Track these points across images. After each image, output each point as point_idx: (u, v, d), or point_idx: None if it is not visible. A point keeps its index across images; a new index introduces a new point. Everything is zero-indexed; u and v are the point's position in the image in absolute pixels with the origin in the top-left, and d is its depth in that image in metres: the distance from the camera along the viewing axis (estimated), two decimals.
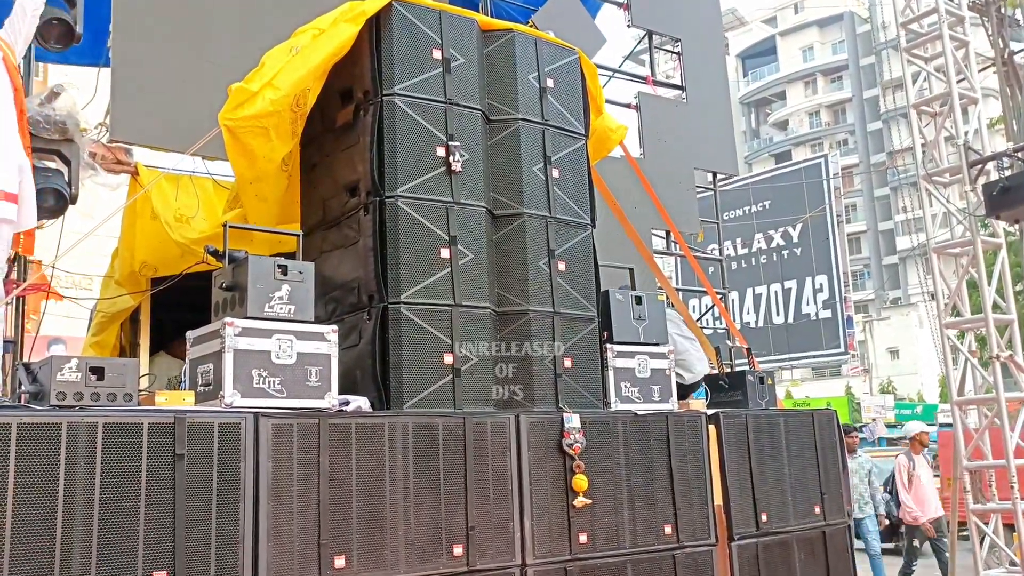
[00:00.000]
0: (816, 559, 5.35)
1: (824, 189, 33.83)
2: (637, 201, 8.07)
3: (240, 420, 3.43)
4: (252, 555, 3.35)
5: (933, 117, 8.14)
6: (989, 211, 7.36)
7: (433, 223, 4.38)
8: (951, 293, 7.77)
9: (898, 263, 54.31)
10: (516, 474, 4.15)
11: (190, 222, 6.07)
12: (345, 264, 4.54)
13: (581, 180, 5.08)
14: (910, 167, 12.75)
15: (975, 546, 7.28)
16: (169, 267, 5.84)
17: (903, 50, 8.24)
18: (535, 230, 4.73)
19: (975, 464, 7.46)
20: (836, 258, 33.39)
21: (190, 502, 3.24)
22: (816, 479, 5.49)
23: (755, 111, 65.77)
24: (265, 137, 4.51)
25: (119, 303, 6.32)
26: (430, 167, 4.44)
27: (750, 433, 5.18)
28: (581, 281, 4.88)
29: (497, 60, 4.91)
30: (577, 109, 5.18)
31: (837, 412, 6.06)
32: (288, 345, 3.71)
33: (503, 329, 4.57)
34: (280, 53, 4.53)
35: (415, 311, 4.22)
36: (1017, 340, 7.64)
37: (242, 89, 4.36)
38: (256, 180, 4.82)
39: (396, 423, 3.82)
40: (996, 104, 22.26)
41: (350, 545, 3.58)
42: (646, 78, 10.94)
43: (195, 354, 3.81)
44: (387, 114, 4.40)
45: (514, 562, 4.05)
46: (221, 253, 3.93)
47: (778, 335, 33.45)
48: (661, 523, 4.61)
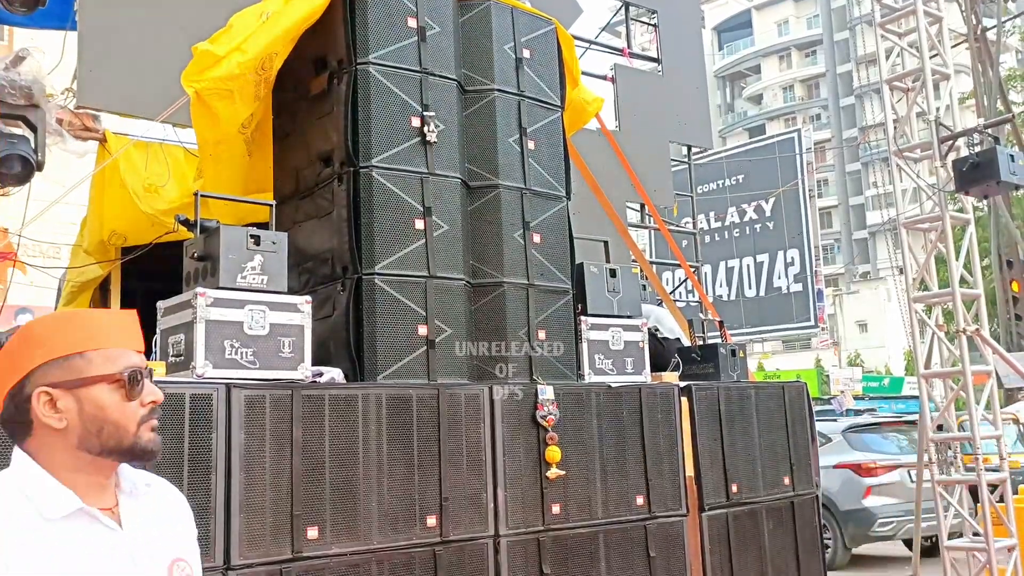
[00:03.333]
0: (784, 529, 5.44)
1: (797, 164, 34.01)
2: (612, 174, 8.06)
3: (212, 391, 3.40)
4: (224, 527, 3.34)
5: (905, 93, 8.18)
6: (959, 186, 7.42)
7: (407, 194, 4.34)
8: (919, 268, 7.86)
9: (868, 238, 54.91)
10: (490, 445, 4.16)
11: (159, 192, 5.99)
12: (319, 235, 4.50)
13: (557, 152, 5.06)
14: (881, 142, 12.85)
15: (939, 517, 7.42)
16: (139, 236, 5.77)
17: (877, 25, 8.25)
18: (510, 202, 4.71)
19: (940, 436, 7.59)
20: (808, 232, 33.64)
21: (161, 473, 3.19)
22: (786, 450, 5.56)
23: (730, 85, 65.85)
24: (230, 99, 4.44)
25: (88, 272, 6.24)
26: (405, 137, 4.40)
27: (721, 405, 5.23)
28: (556, 253, 4.88)
29: (473, 30, 4.86)
30: (553, 80, 5.15)
31: (807, 384, 6.14)
32: (261, 316, 3.68)
33: (477, 301, 4.56)
34: (249, 17, 4.45)
35: (389, 282, 4.20)
36: (984, 315, 7.75)
37: (208, 53, 4.28)
38: (216, 143, 4.75)
39: (370, 394, 3.81)
40: (968, 80, 22.44)
41: (323, 516, 3.58)
42: (622, 50, 10.91)
43: (166, 324, 3.77)
44: (361, 83, 4.35)
45: (487, 533, 4.08)
46: (192, 222, 3.88)
47: (750, 308, 33.73)
48: (633, 494, 4.66)
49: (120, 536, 1.54)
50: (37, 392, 1.52)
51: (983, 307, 7.79)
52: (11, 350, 1.55)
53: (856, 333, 48.97)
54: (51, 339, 1.55)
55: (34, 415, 1.52)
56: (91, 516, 1.52)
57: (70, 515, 1.49)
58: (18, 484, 1.51)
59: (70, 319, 1.59)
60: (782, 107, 62.15)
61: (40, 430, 1.53)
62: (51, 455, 1.53)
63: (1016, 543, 7.20)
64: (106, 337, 1.59)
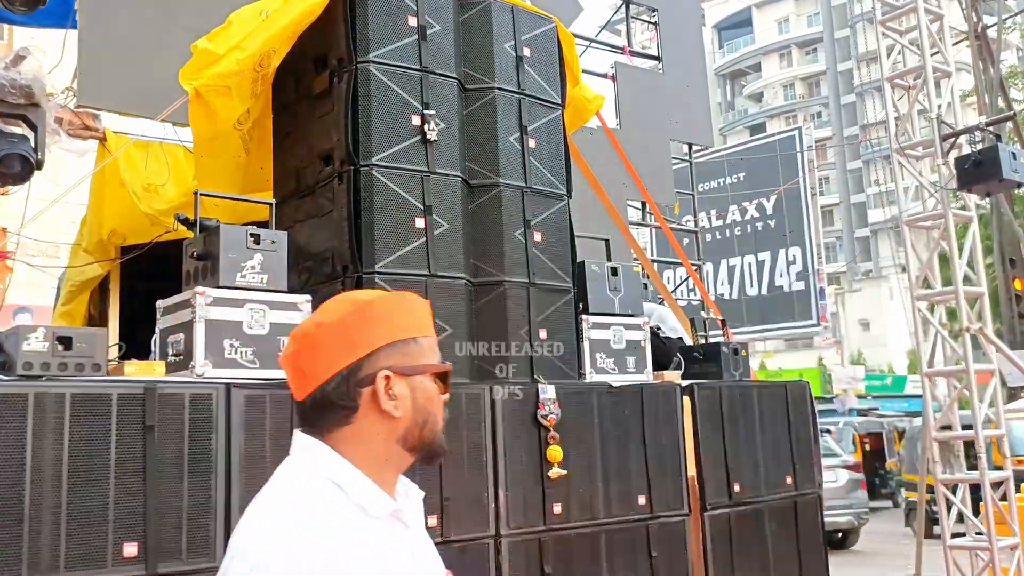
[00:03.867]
0: (787, 529, 5.42)
1: (798, 162, 33.95)
2: (613, 172, 8.04)
3: (212, 391, 3.39)
4: (224, 527, 3.32)
5: (907, 90, 8.16)
6: (961, 184, 7.40)
7: (408, 192, 4.33)
8: (922, 266, 7.83)
9: (870, 236, 54.82)
10: (491, 445, 4.15)
11: (159, 191, 5.97)
12: (319, 234, 4.49)
13: (557, 150, 5.04)
14: (883, 140, 12.81)
15: (943, 515, 7.40)
16: (138, 235, 5.75)
17: (878, 22, 8.23)
18: (511, 200, 4.70)
19: (944, 435, 7.57)
20: (809, 230, 33.59)
21: (161, 474, 3.21)
22: (788, 450, 5.54)
23: (730, 83, 65.77)
24: (227, 96, 4.43)
25: (88, 272, 6.22)
26: (405, 136, 4.39)
27: (724, 404, 5.21)
28: (557, 252, 4.86)
29: (473, 28, 4.84)
30: (554, 78, 5.13)
31: (809, 384, 6.12)
32: (261, 315, 3.66)
33: (478, 300, 4.55)
34: (249, 15, 4.44)
35: (390, 281, 4.18)
36: (987, 313, 7.73)
37: (207, 51, 4.27)
38: (211, 139, 4.74)
39: None
40: (968, 77, 22.40)
41: None
42: (623, 48, 10.89)
43: (165, 323, 3.75)
44: (362, 82, 4.33)
45: (488, 533, 4.06)
46: (192, 221, 3.87)
47: (752, 307, 33.68)
48: (635, 494, 4.64)
49: (412, 539, 1.45)
50: (382, 375, 1.39)
51: (986, 305, 7.77)
52: (347, 325, 1.40)
53: (858, 332, 48.91)
54: (391, 319, 1.42)
55: (365, 400, 1.39)
56: (398, 518, 1.41)
57: (386, 515, 1.38)
58: (328, 476, 1.36)
59: (402, 300, 1.47)
60: (783, 105, 62.05)
61: (366, 418, 1.40)
62: (367, 447, 1.40)
63: (1019, 542, 7.18)
64: (427, 325, 1.48)
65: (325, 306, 1.45)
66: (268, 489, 1.38)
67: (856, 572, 10.46)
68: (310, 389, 1.40)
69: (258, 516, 1.32)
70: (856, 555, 11.02)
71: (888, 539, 13.61)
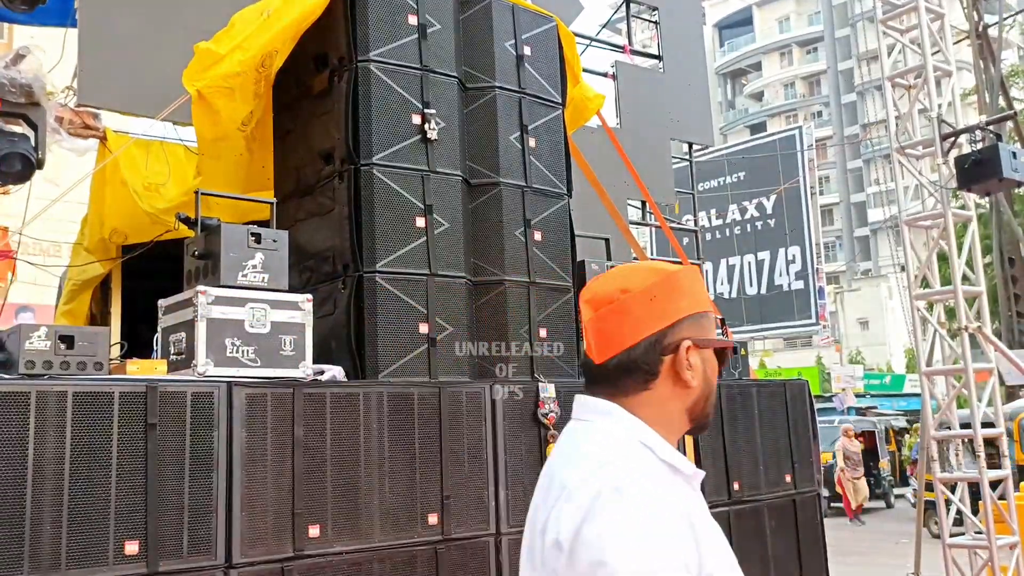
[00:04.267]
0: (786, 527, 5.43)
1: (798, 161, 33.97)
2: (613, 171, 8.04)
3: (213, 389, 3.39)
4: (226, 525, 3.33)
5: (907, 89, 8.16)
6: (961, 184, 7.41)
7: (409, 192, 4.34)
8: (921, 265, 7.84)
9: (869, 235, 54.84)
10: (491, 444, 4.16)
11: (159, 190, 5.98)
12: (320, 232, 4.49)
13: (558, 149, 5.05)
14: (883, 139, 12.81)
15: (941, 513, 7.41)
16: (140, 234, 5.76)
17: (879, 21, 8.24)
18: (511, 199, 4.71)
19: (942, 433, 7.58)
20: (809, 230, 33.62)
21: (163, 472, 3.22)
22: (787, 448, 5.55)
23: (731, 82, 65.76)
24: (230, 97, 4.44)
25: (89, 271, 6.23)
26: (406, 135, 4.40)
27: (723, 403, 5.22)
28: (557, 251, 4.87)
29: (474, 27, 4.85)
30: (554, 77, 5.14)
31: (808, 382, 6.13)
32: (262, 314, 3.67)
33: (479, 298, 4.56)
34: (251, 15, 4.45)
35: (390, 280, 4.19)
36: (986, 312, 7.74)
37: (210, 52, 4.28)
38: (216, 140, 4.75)
39: (371, 392, 3.81)
40: (969, 76, 22.41)
41: (324, 514, 3.58)
42: (623, 47, 10.88)
43: (167, 322, 3.76)
44: (362, 81, 4.34)
45: (489, 531, 4.07)
46: (193, 220, 3.87)
47: (751, 306, 33.72)
48: None
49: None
50: (685, 344, 1.42)
51: (985, 304, 7.78)
52: (655, 295, 1.43)
53: (857, 331, 48.90)
54: (692, 291, 1.46)
55: (665, 367, 1.43)
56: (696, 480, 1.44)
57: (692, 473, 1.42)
58: (638, 438, 1.40)
59: (697, 274, 1.51)
60: (783, 104, 62.05)
61: (663, 385, 1.44)
62: (661, 412, 1.44)
63: (1018, 540, 7.19)
64: (710, 302, 1.52)
65: (622, 273, 1.49)
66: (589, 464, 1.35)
67: (856, 571, 10.47)
68: (614, 352, 1.44)
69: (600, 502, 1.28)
70: (856, 554, 11.05)
71: (887, 539, 13.63)
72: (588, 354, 1.49)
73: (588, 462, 1.35)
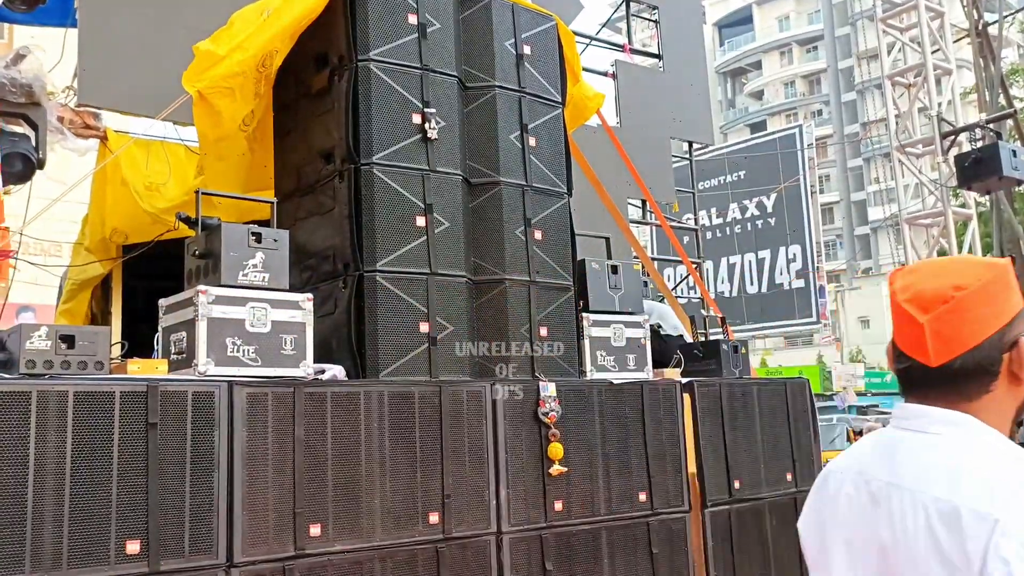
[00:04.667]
0: (787, 525, 5.43)
1: (798, 159, 33.96)
2: (613, 170, 8.05)
3: (214, 389, 3.40)
4: (227, 524, 3.34)
5: (907, 88, 8.17)
6: (961, 182, 7.42)
7: (409, 191, 4.34)
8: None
9: (870, 233, 54.81)
10: (492, 442, 4.16)
11: (160, 190, 5.99)
12: (320, 232, 4.50)
13: (558, 148, 5.05)
14: (883, 138, 12.83)
15: None
16: (140, 234, 5.76)
17: (879, 20, 8.24)
18: (511, 198, 4.71)
19: None
20: (809, 228, 33.60)
21: (163, 472, 3.22)
22: (788, 447, 5.55)
23: (731, 81, 65.74)
24: (231, 97, 4.45)
25: (90, 270, 6.24)
26: (406, 134, 4.40)
27: (724, 402, 5.22)
28: (557, 250, 4.87)
29: (473, 26, 4.85)
30: (554, 77, 5.14)
31: (809, 381, 6.13)
32: (263, 313, 3.68)
33: (479, 298, 4.56)
34: (251, 14, 4.45)
35: (391, 279, 4.19)
36: None
37: (209, 52, 4.28)
38: (217, 140, 4.75)
39: (372, 392, 3.81)
40: (969, 75, 22.39)
41: (325, 513, 3.58)
42: (623, 46, 10.89)
43: (168, 322, 3.77)
44: (362, 80, 4.34)
45: (490, 529, 4.07)
46: (193, 220, 3.88)
47: (752, 304, 33.71)
48: (636, 490, 4.65)
49: None
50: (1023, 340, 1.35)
51: None
52: (991, 291, 1.37)
53: (858, 329, 48.87)
54: (1017, 285, 1.40)
55: (1004, 367, 1.36)
56: None
57: None
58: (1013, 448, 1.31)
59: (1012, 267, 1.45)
60: (783, 103, 62.02)
61: (1001, 385, 1.36)
62: (1001, 414, 1.37)
63: None
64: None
65: (946, 270, 1.43)
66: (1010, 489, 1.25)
67: None
68: (956, 353, 1.37)
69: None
70: None
71: None
72: (916, 357, 1.41)
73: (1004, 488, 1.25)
